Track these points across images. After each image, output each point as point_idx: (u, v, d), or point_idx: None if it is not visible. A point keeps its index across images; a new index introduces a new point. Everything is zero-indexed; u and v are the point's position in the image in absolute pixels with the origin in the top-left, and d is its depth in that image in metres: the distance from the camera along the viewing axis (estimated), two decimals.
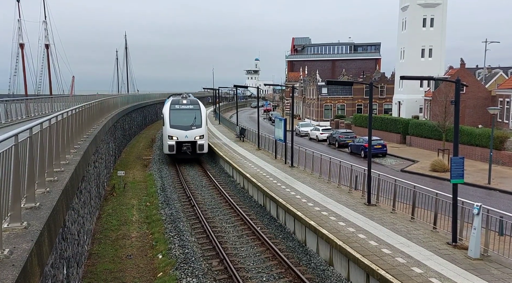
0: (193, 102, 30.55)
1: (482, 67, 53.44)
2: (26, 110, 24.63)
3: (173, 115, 29.02)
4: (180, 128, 28.37)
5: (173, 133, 28.32)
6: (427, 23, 49.87)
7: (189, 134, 28.34)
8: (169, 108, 29.50)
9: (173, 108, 29.53)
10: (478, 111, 41.39)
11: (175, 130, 28.36)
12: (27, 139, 6.70)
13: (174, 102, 30.21)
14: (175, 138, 28.30)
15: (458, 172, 11.58)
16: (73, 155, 12.03)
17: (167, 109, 29.65)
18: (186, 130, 28.38)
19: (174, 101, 30.37)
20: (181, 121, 28.70)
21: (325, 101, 63.87)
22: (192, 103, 30.38)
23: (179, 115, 28.93)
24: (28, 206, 6.80)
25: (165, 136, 29.05)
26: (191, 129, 28.53)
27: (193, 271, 12.23)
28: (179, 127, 28.42)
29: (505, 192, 21.64)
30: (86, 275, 12.33)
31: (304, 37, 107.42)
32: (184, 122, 28.66)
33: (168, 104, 30.31)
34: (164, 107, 30.87)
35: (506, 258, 10.59)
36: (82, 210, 12.67)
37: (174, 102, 30.33)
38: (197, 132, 28.61)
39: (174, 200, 20.74)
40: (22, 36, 59.50)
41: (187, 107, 29.68)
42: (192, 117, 29.01)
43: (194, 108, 29.83)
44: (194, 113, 29.31)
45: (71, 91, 77.63)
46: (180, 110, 29.41)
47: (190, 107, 29.80)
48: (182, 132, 28.31)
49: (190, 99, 31.06)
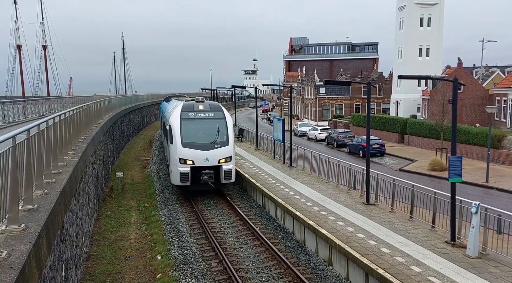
0: (214, 108, 20.57)
1: (479, 66, 53.59)
2: (24, 112, 24.57)
3: (186, 127, 19.36)
4: (197, 148, 19.01)
5: (186, 155, 18.88)
6: (425, 22, 49.98)
7: (211, 156, 19.03)
8: (179, 117, 19.63)
9: (186, 117, 19.68)
10: (476, 110, 41.50)
11: (189, 150, 18.91)
12: (24, 141, 6.68)
13: (186, 108, 20.13)
14: (190, 162, 18.89)
15: (456, 171, 11.60)
16: (71, 156, 12.01)
17: (176, 118, 19.74)
18: (207, 150, 19.03)
19: (186, 107, 20.26)
20: (199, 136, 19.40)
21: (323, 101, 63.92)
22: (212, 109, 20.43)
23: (195, 128, 19.53)
24: (26, 208, 6.78)
25: (173, 159, 19.35)
26: (214, 148, 19.20)
27: (192, 271, 12.21)
28: (195, 145, 19.05)
29: (503, 191, 21.70)
30: (85, 277, 12.30)
31: (302, 37, 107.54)
32: (202, 139, 19.38)
33: (177, 111, 20.27)
34: (171, 115, 20.52)
35: (505, 256, 10.61)
36: (81, 212, 12.64)
37: (186, 108, 20.20)
38: (222, 153, 19.22)
39: (173, 200, 20.72)
40: (19, 37, 59.36)
41: (206, 116, 19.98)
42: (213, 130, 19.57)
43: (216, 117, 20.06)
44: (217, 124, 19.76)
45: (68, 92, 77.52)
46: (196, 120, 19.77)
47: (210, 115, 20.03)
48: (201, 153, 18.99)
49: (209, 103, 21.05)
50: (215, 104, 21.40)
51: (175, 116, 19.86)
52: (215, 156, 19.10)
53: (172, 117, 20.16)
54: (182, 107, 20.21)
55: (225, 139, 19.50)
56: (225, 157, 19.30)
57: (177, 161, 19.04)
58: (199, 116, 19.92)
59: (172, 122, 19.76)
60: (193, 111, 20.01)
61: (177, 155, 19.02)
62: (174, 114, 20.16)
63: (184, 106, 20.34)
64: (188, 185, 19.31)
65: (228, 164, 19.37)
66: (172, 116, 20.26)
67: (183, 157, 18.96)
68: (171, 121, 19.91)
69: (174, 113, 20.27)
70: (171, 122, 19.86)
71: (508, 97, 38.71)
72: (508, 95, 38.72)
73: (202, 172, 18.97)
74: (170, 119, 20.24)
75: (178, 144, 19.05)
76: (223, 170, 19.24)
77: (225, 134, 19.64)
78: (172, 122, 19.76)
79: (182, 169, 18.95)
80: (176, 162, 19.10)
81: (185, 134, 19.23)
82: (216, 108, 20.61)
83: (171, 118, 20.20)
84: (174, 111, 20.57)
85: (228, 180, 19.47)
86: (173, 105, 23.73)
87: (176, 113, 20.07)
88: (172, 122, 19.78)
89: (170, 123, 20.00)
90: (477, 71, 52.81)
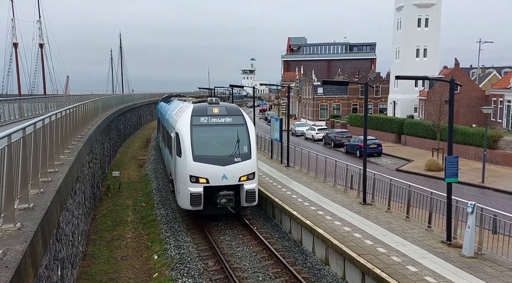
0: (232, 112, 16.56)
1: (476, 67, 53.79)
2: (20, 111, 24.47)
3: (198, 136, 15.55)
4: (212, 162, 15.18)
5: (199, 172, 15.04)
6: (422, 23, 50.12)
7: (229, 173, 15.20)
8: (189, 123, 15.77)
9: (198, 123, 15.83)
10: (472, 111, 41.67)
11: (203, 166, 15.07)
12: (20, 139, 6.65)
13: (198, 112, 16.19)
14: (204, 181, 15.00)
15: (452, 171, 11.64)
16: (67, 155, 11.97)
17: (185, 124, 15.81)
18: (224, 165, 15.26)
19: (198, 110, 16.30)
20: (214, 148, 15.66)
21: (321, 101, 64.00)
22: (230, 113, 16.46)
23: (209, 137, 15.78)
24: (22, 207, 6.75)
25: (181, 177, 15.43)
26: (233, 162, 15.35)
27: (189, 271, 12.20)
28: (210, 159, 15.20)
29: (498, 191, 21.80)
30: (81, 276, 12.26)
31: (300, 37, 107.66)
32: (219, 151, 15.59)
33: (186, 115, 16.25)
34: (179, 120, 16.51)
35: (500, 256, 10.66)
36: (77, 211, 12.60)
37: (198, 111, 16.24)
38: (244, 169, 15.45)
39: (169, 200, 20.69)
40: (15, 35, 59.10)
41: (223, 121, 16.17)
42: (232, 139, 15.76)
43: (235, 123, 16.21)
44: (236, 132, 15.90)
45: (65, 91, 77.23)
46: (210, 127, 15.91)
47: (227, 121, 16.22)
48: (217, 169, 15.13)
49: (226, 106, 16.80)
50: (233, 107, 16.89)
51: (184, 122, 15.68)
52: (234, 173, 15.21)
53: (179, 123, 15.92)
54: (193, 110, 15.97)
55: (246, 151, 15.59)
56: (246, 173, 15.36)
57: (187, 179, 14.95)
58: (214, 122, 15.91)
59: (180, 130, 15.50)
60: (206, 115, 15.94)
61: (187, 171, 14.96)
62: (182, 120, 15.95)
63: (195, 109, 16.07)
64: (199, 209, 15.17)
65: (251, 182, 15.47)
66: (179, 122, 16.02)
67: (195, 174, 14.94)
68: (179, 128, 15.70)
69: (182, 118, 16.07)
70: (179, 129, 15.63)
71: (504, 98, 38.89)
72: (504, 96, 38.89)
73: (219, 193, 15.01)
74: (177, 126, 15.98)
75: (189, 158, 14.99)
76: (244, 190, 15.26)
77: (246, 145, 15.73)
78: (180, 130, 15.50)
79: (193, 190, 14.86)
80: (186, 180, 15.01)
81: (197, 145, 15.24)
82: (235, 111, 16.46)
83: (178, 124, 15.97)
84: (182, 116, 16.33)
85: (250, 202, 15.50)
86: (178, 107, 19.35)
87: (185, 119, 15.86)
88: (180, 129, 15.53)
89: (177, 130, 15.78)
90: (474, 72, 53.01)
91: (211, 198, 15.35)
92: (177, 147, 15.86)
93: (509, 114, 38.25)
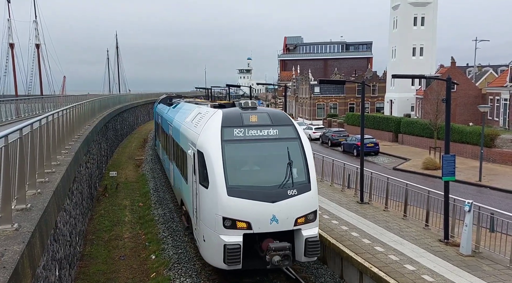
0: (278, 121, 11.19)
1: (472, 66, 54.01)
2: (16, 111, 24.39)
3: (233, 158, 10.44)
4: (255, 196, 9.97)
5: (237, 212, 9.90)
6: (418, 22, 50.25)
7: (281, 213, 10.00)
8: (219, 138, 10.50)
9: (231, 138, 10.61)
10: (469, 109, 41.82)
11: (242, 202, 9.89)
12: (17, 140, 6.63)
13: (229, 122, 10.84)
14: (244, 225, 9.86)
15: (450, 170, 11.68)
16: (64, 155, 11.93)
17: (212, 139, 10.56)
18: (274, 201, 9.98)
19: (229, 119, 10.91)
20: (257, 175, 10.63)
21: (318, 100, 64.09)
22: (275, 122, 11.10)
23: (248, 159, 10.82)
24: (19, 207, 6.73)
25: (208, 218, 10.27)
26: (286, 197, 10.11)
27: (186, 271, 12.19)
28: (252, 193, 9.99)
29: (495, 189, 21.89)
30: (79, 276, 12.24)
31: (296, 36, 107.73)
32: (264, 179, 10.41)
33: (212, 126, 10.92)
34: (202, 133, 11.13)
35: (497, 254, 10.71)
36: (74, 211, 12.57)
37: (229, 120, 10.88)
38: (302, 206, 10.26)
39: (167, 200, 20.66)
40: (12, 36, 58.90)
41: (266, 135, 10.88)
42: (281, 161, 10.54)
43: (284, 137, 10.97)
44: (287, 150, 10.66)
45: (62, 91, 77.05)
46: (249, 143, 10.75)
47: (272, 133, 10.90)
48: (264, 208, 9.94)
49: (268, 112, 11.43)
50: (277, 113, 11.41)
51: (211, 137, 10.44)
52: (288, 212, 9.88)
53: (203, 137, 10.69)
54: (223, 119, 10.64)
55: (303, 179, 10.31)
56: (305, 213, 10.06)
57: (218, 222, 9.81)
58: (254, 135, 10.57)
59: (206, 148, 10.31)
60: (242, 126, 10.58)
61: (218, 210, 9.80)
62: (207, 132, 10.69)
63: (226, 117, 10.70)
64: (237, 266, 9.80)
65: (311, 226, 10.17)
66: (203, 135, 10.77)
67: (231, 216, 9.77)
68: (203, 144, 10.46)
69: (206, 130, 10.79)
70: (204, 146, 10.41)
71: (501, 96, 39.06)
72: (501, 94, 39.06)
73: (270, 246, 9.68)
74: (200, 142, 10.73)
75: (220, 190, 9.81)
76: (303, 237, 10.00)
77: (302, 169, 10.45)
78: (206, 148, 10.31)
79: (228, 239, 9.69)
80: (216, 224, 9.85)
81: (233, 172, 10.08)
82: (282, 120, 11.04)
83: (202, 139, 10.71)
84: (206, 127, 10.99)
85: (311, 255, 10.14)
86: (194, 113, 13.74)
87: (211, 131, 10.59)
88: (206, 147, 10.33)
89: (200, 148, 10.53)
90: (470, 71, 53.22)
91: (253, 250, 10.13)
92: (199, 172, 10.47)
93: (505, 112, 38.42)
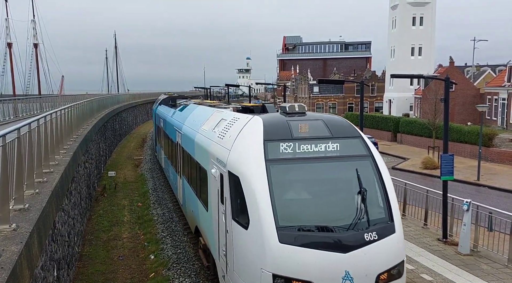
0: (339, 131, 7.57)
1: (471, 66, 54.08)
2: (14, 111, 24.34)
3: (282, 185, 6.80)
4: (319, 243, 6.25)
5: (293, 267, 6.16)
6: (417, 21, 50.31)
7: (357, 267, 6.24)
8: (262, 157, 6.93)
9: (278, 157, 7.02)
10: (467, 109, 41.89)
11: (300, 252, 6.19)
12: (15, 140, 6.62)
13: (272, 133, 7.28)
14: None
15: (448, 169, 11.70)
16: (63, 155, 11.91)
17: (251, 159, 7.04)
18: (346, 250, 6.25)
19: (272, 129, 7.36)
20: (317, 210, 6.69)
21: (317, 100, 64.13)
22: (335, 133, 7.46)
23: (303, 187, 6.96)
24: (17, 207, 6.72)
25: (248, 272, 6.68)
26: (363, 243, 6.36)
27: (185, 271, 12.18)
28: (314, 238, 6.31)
29: (494, 188, 21.94)
30: (77, 277, 12.22)
31: (295, 36, 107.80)
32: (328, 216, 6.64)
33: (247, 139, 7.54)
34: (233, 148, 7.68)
35: (495, 253, 10.73)
36: (72, 211, 12.55)
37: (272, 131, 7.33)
38: (385, 256, 6.52)
39: (165, 199, 20.65)
40: (10, 35, 58.77)
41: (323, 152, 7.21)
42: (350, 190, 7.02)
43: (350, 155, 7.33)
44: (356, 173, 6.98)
45: (60, 91, 76.95)
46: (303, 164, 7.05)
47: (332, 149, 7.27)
48: (332, 260, 6.17)
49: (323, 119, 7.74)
50: (337, 120, 8.16)
51: (250, 154, 7.34)
52: (368, 266, 6.50)
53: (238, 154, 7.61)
54: (265, 130, 7.50)
55: (383, 216, 7.15)
56: (390, 265, 6.73)
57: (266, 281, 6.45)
58: (308, 152, 7.37)
59: (244, 170, 7.20)
60: (292, 139, 7.40)
61: (266, 264, 6.44)
62: (243, 147, 7.67)
63: (267, 127, 7.59)
64: None
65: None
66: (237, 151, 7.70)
67: (284, 273, 6.35)
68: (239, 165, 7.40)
69: (242, 145, 7.75)
70: (240, 168, 7.34)
71: (499, 96, 39.12)
72: (499, 94, 39.13)
73: None
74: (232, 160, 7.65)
75: (268, 233, 6.49)
76: None
77: (380, 200, 7.37)
78: (244, 170, 7.20)
79: None
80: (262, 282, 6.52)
81: (284, 206, 6.75)
82: (344, 130, 7.84)
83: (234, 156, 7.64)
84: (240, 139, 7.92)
85: None
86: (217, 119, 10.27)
87: (249, 145, 7.55)
88: (244, 168, 7.24)
89: (234, 169, 7.47)
90: (469, 70, 53.30)
91: None
92: (232, 202, 7.37)
93: (503, 112, 38.49)
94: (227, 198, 7.60)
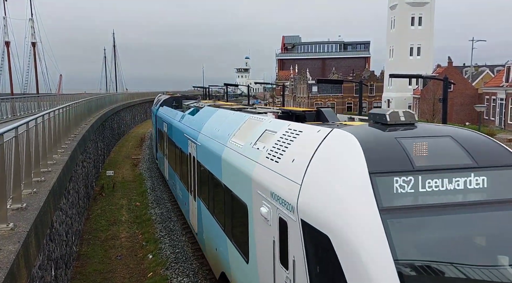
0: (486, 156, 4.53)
1: (469, 66, 54.22)
2: (12, 110, 24.29)
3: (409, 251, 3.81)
4: None
5: None
6: (415, 22, 50.41)
7: None
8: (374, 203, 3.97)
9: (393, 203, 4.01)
10: (466, 109, 42.00)
11: None
12: (12, 139, 6.60)
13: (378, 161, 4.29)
14: None
15: None
16: (61, 154, 11.88)
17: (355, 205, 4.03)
18: None
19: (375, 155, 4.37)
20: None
21: (316, 100, 64.18)
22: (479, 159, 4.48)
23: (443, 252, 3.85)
24: (15, 207, 6.70)
25: None
26: None
27: (183, 270, 12.18)
28: None
29: None
30: (75, 276, 12.20)
31: (294, 36, 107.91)
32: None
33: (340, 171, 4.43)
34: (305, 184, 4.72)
35: None
36: (70, 211, 12.53)
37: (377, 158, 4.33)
38: None
39: (164, 199, 20.64)
40: (7, 34, 58.66)
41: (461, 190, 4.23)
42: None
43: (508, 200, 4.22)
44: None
45: (58, 90, 76.85)
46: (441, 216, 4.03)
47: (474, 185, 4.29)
48: None
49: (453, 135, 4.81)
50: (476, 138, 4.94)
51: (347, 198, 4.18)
52: None
53: (320, 196, 4.48)
54: (367, 156, 4.38)
55: None
56: None
57: None
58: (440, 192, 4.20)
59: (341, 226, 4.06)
60: (413, 172, 4.27)
61: None
62: (330, 184, 4.47)
63: (369, 150, 4.46)
64: None
65: None
66: (316, 190, 4.60)
67: None
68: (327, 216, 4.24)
69: (326, 178, 4.59)
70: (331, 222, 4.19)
71: (497, 96, 39.22)
72: (497, 94, 39.22)
73: None
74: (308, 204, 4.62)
75: None
76: None
77: None
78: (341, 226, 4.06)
79: None
80: None
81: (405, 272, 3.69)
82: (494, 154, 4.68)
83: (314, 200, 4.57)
84: (318, 167, 4.78)
85: None
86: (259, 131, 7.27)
87: (342, 180, 4.38)
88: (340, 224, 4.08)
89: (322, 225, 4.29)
90: (467, 71, 53.43)
91: None
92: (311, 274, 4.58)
93: (501, 112, 38.60)
94: (299, 262, 4.77)
